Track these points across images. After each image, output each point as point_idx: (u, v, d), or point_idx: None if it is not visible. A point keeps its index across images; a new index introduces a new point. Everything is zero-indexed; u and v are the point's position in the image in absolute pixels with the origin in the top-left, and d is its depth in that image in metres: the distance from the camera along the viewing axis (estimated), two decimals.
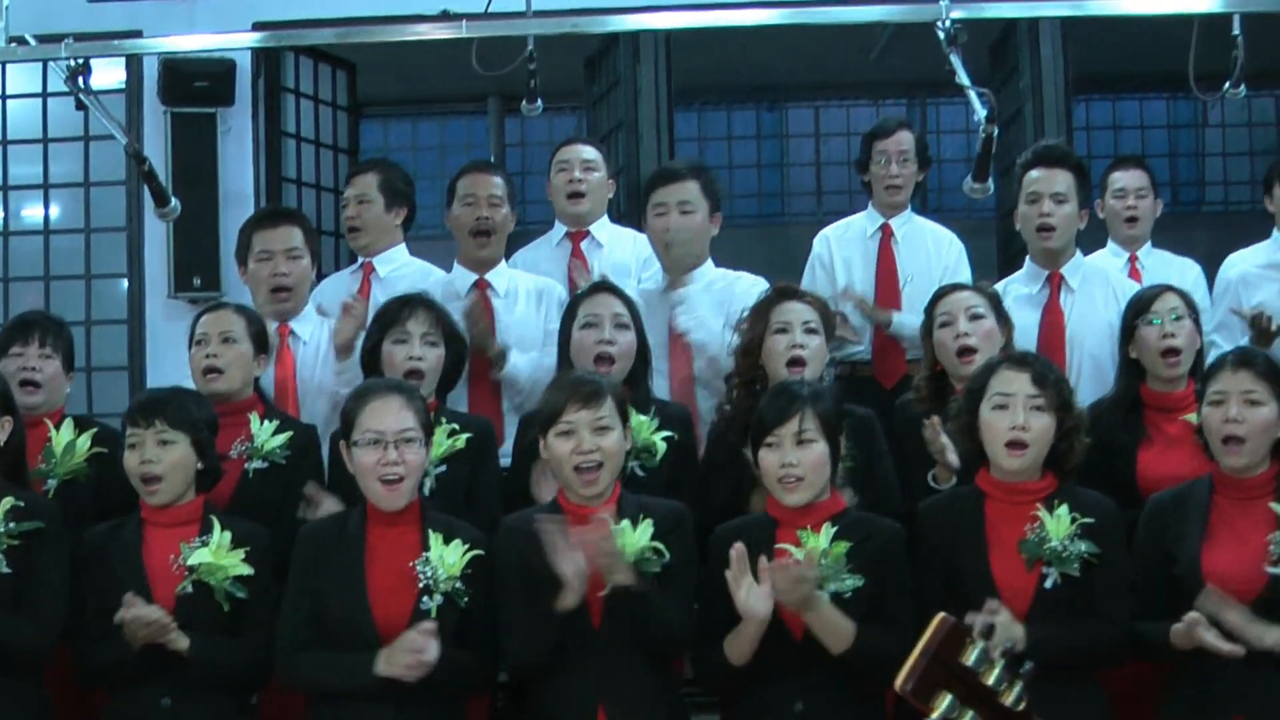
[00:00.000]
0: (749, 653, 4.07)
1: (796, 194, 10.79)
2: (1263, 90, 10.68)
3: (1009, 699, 2.19)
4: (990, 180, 4.83)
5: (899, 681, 2.21)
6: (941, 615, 2.22)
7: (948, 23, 4.68)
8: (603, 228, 6.21)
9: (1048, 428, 4.22)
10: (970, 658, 2.18)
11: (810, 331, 4.87)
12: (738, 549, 3.99)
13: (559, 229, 6.22)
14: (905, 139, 6.16)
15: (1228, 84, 5.38)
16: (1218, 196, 11.23)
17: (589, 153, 6.20)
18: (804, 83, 10.43)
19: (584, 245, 6.14)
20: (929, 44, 4.99)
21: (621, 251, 6.12)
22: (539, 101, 5.88)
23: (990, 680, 2.19)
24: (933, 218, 8.30)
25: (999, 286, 5.64)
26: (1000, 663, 2.19)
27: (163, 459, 4.31)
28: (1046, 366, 4.33)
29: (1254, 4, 5.32)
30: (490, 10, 5.80)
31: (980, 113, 4.61)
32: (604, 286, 5.12)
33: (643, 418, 4.74)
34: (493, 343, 5.42)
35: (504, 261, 5.85)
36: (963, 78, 4.66)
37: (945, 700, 2.18)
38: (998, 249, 7.75)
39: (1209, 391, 4.28)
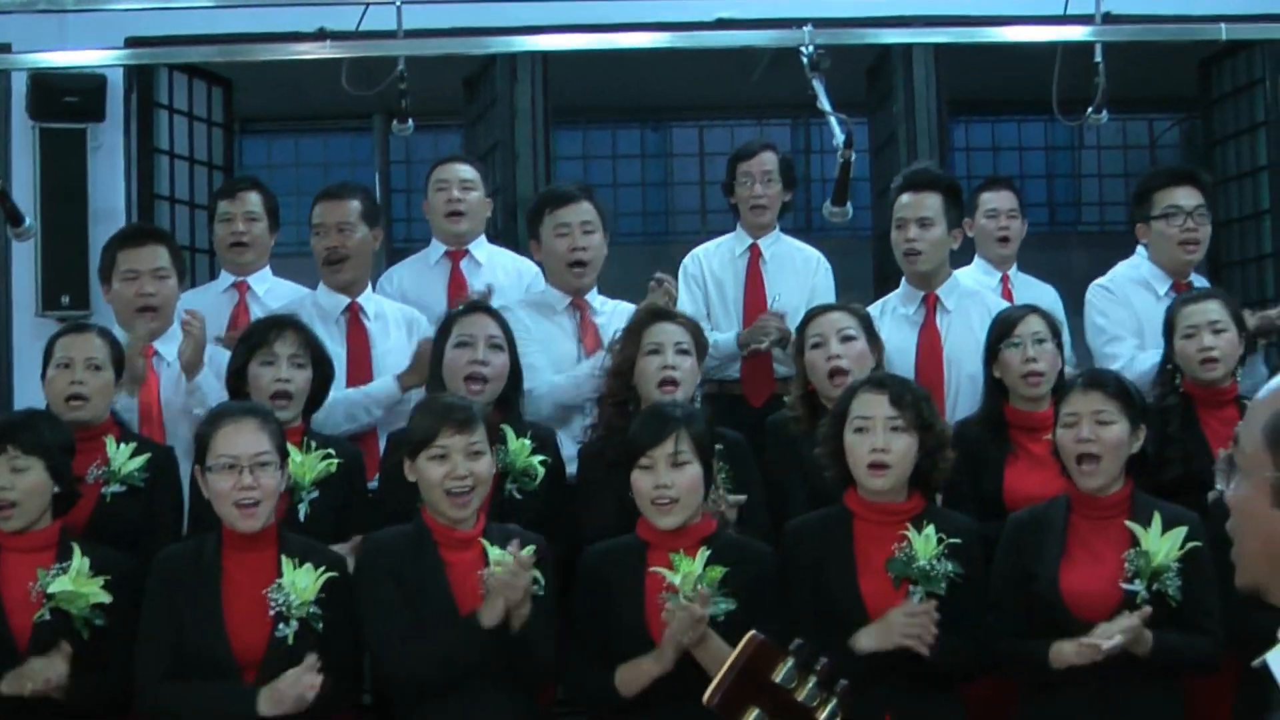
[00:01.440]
0: (643, 687, 4.07)
1: (681, 213, 10.83)
2: (1136, 114, 10.88)
3: (822, 715, 2.19)
4: (849, 204, 4.85)
5: (706, 696, 2.21)
6: (751, 633, 2.22)
7: (810, 48, 4.72)
8: (481, 247, 6.16)
9: (909, 448, 4.26)
10: (780, 674, 2.18)
11: (682, 352, 4.88)
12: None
13: (437, 247, 6.15)
14: (769, 160, 6.14)
15: (1090, 109, 5.46)
16: (1093, 217, 11.37)
17: (467, 172, 6.15)
18: (688, 103, 10.49)
19: (463, 264, 6.08)
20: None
21: (500, 271, 6.08)
22: (410, 122, 5.88)
23: (801, 696, 2.19)
24: (816, 236, 8.35)
25: (875, 306, 5.71)
26: (812, 680, 2.19)
27: (16, 485, 4.24)
28: (905, 387, 4.36)
29: (1115, 34, 5.40)
30: (363, 29, 5.81)
31: (838, 138, 4.65)
32: (478, 306, 5.09)
33: (522, 441, 4.72)
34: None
35: (370, 287, 5.79)
36: (824, 103, 4.70)
37: (752, 714, 2.18)
38: (874, 268, 7.80)
39: (1062, 413, 4.36)
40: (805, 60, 4.76)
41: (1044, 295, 6.13)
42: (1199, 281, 5.85)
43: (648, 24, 6.40)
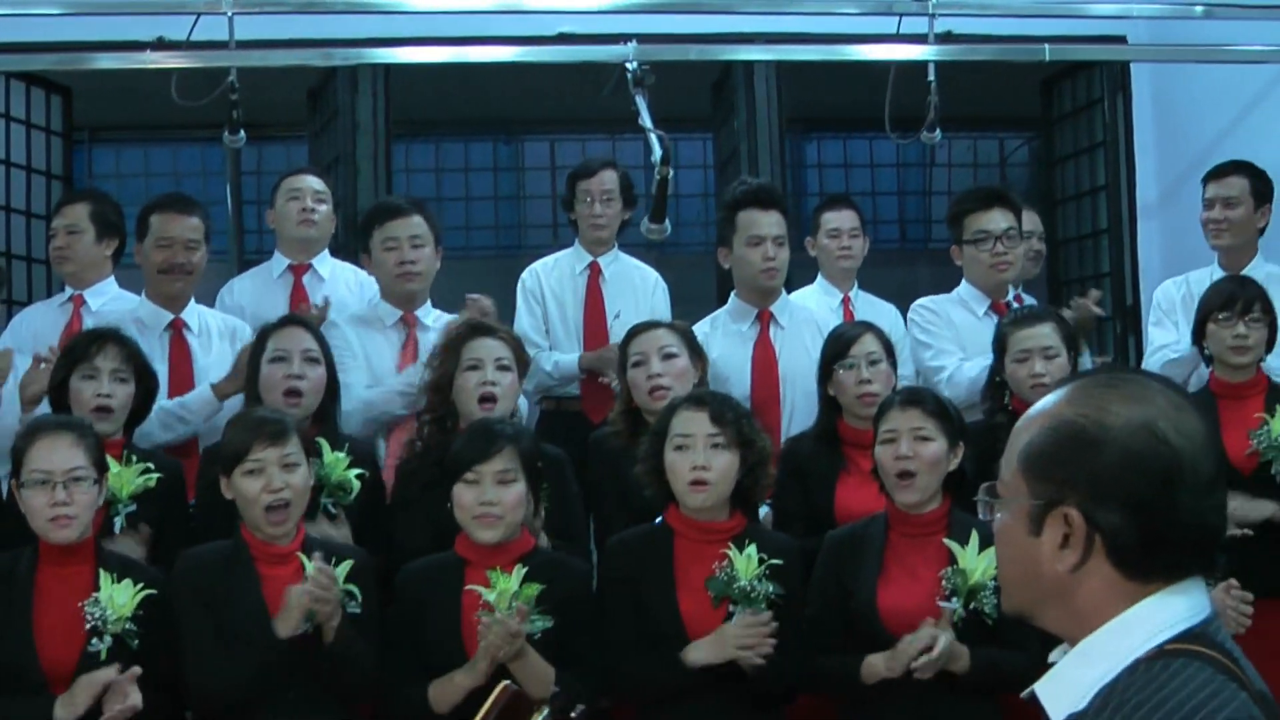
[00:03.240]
0: (456, 702, 4.04)
1: (533, 226, 10.83)
2: (988, 133, 11.03)
3: None
4: (668, 221, 4.85)
5: None
6: (504, 683, 2.20)
7: (633, 65, 4.73)
8: (324, 261, 6.13)
9: (730, 465, 4.27)
10: None
11: (503, 368, 4.85)
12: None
13: (280, 261, 6.10)
14: (609, 178, 6.16)
15: (924, 128, 5.51)
16: (943, 235, 11.33)
17: (318, 184, 6.13)
18: (541, 117, 10.48)
19: (305, 279, 6.05)
20: (662, 81, 5.04)
21: (343, 285, 6.04)
22: (241, 133, 5.81)
23: None
24: (669, 252, 8.36)
25: (705, 321, 5.73)
26: None
27: None
28: (725, 404, 4.37)
29: (945, 54, 5.46)
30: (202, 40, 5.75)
31: (655, 154, 4.65)
32: (293, 320, 5.08)
33: (338, 455, 4.68)
34: None
35: (193, 301, 5.71)
36: (645, 119, 4.70)
37: None
38: (717, 283, 7.82)
39: (881, 430, 4.38)
40: (629, 76, 4.77)
41: (885, 314, 6.16)
42: (1029, 298, 5.95)
43: (491, 37, 6.37)
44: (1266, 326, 5.28)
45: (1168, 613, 1.92)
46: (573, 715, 2.18)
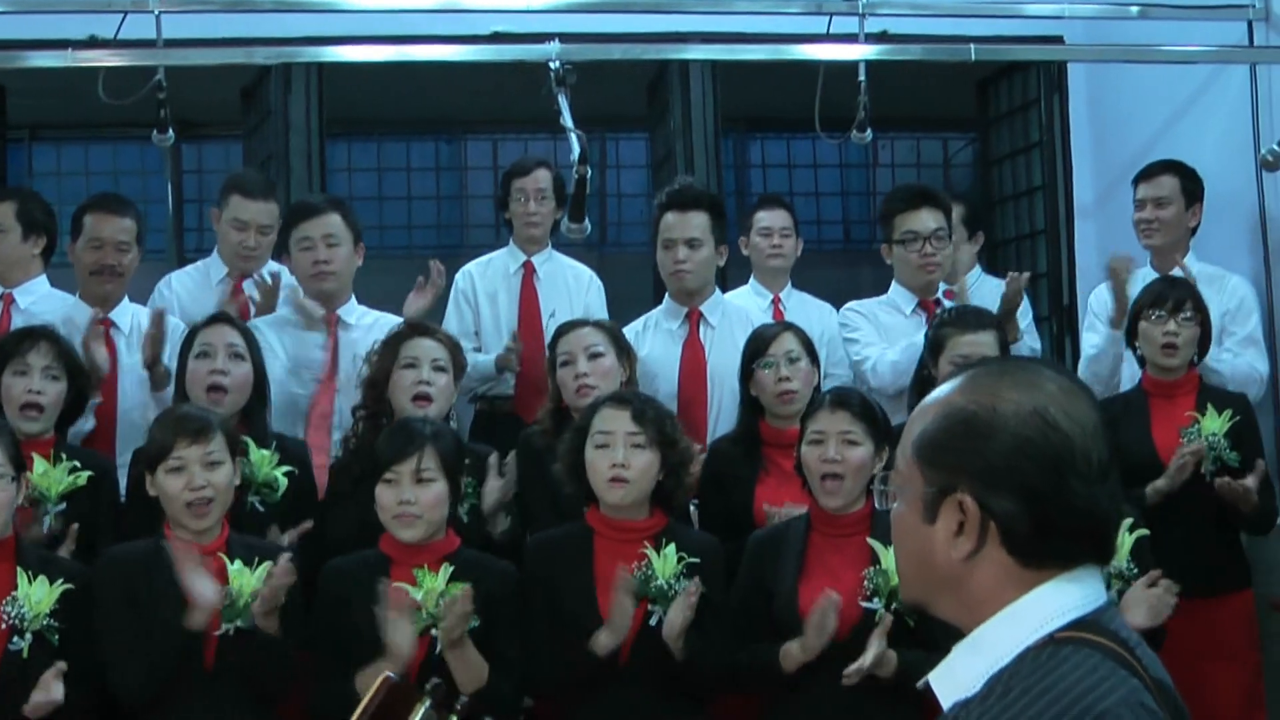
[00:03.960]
0: None
1: (475, 226, 10.80)
2: (931, 133, 11.04)
3: None
4: (587, 220, 4.85)
5: None
6: (384, 675, 2.19)
7: (556, 64, 4.74)
8: (266, 267, 6.08)
9: (650, 464, 4.29)
10: (417, 716, 2.15)
11: (439, 369, 4.89)
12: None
13: (219, 266, 6.06)
14: (543, 177, 6.16)
15: (855, 129, 5.52)
16: None
17: (266, 217, 6.04)
18: (483, 116, 10.46)
19: (246, 282, 5.99)
20: (604, 81, 5.04)
21: (284, 285, 6.00)
22: (170, 132, 5.79)
23: None
24: (610, 251, 8.33)
25: (639, 320, 5.74)
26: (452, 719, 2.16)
27: None
28: (647, 404, 4.39)
29: (875, 54, 5.48)
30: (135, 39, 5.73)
31: (574, 153, 4.66)
32: (221, 317, 5.07)
33: (263, 452, 4.69)
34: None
35: (126, 300, 5.68)
36: (566, 119, 4.71)
37: None
38: (654, 282, 7.82)
39: (808, 430, 4.40)
40: (552, 75, 4.77)
41: (823, 314, 6.18)
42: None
43: (424, 36, 6.35)
44: (1198, 325, 5.31)
45: (1059, 601, 1.93)
46: (457, 706, 2.17)
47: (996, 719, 1.80)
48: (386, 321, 5.48)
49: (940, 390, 2.04)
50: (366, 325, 5.56)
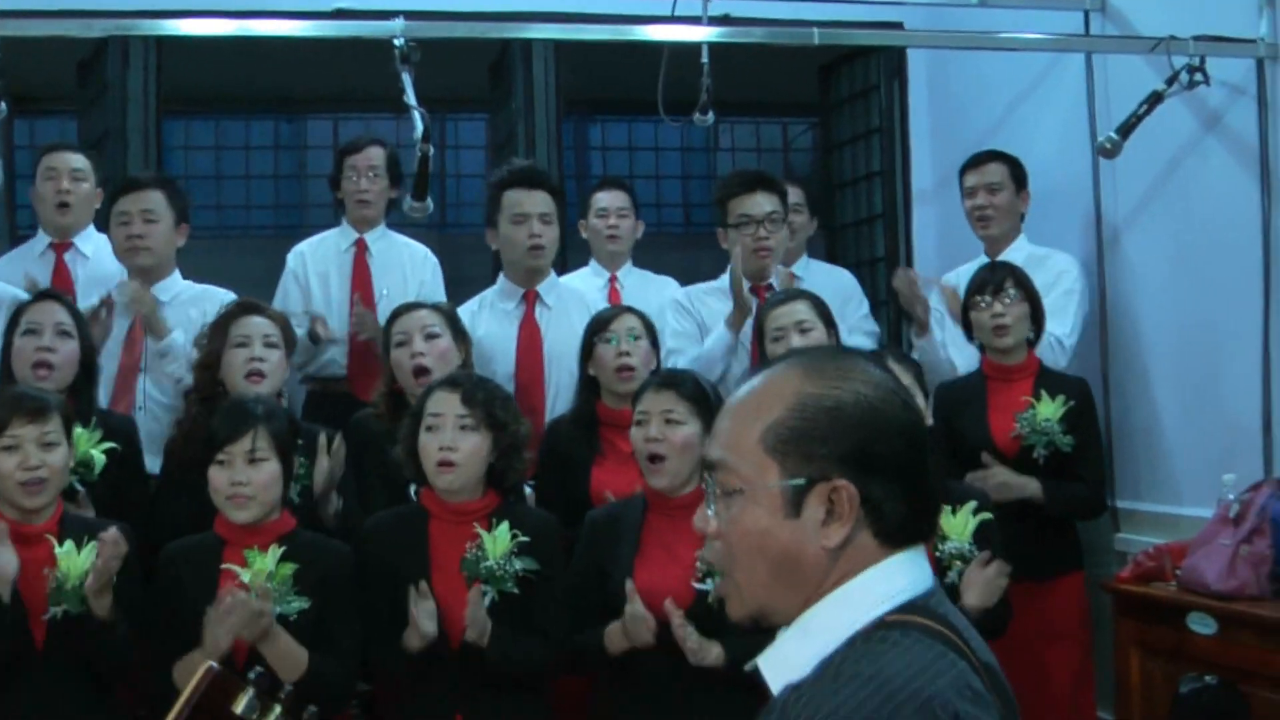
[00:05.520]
0: None
1: (315, 206, 10.65)
2: (771, 118, 11.11)
3: None
4: (430, 199, 4.83)
5: None
6: (207, 664, 2.14)
7: (400, 41, 4.70)
8: (88, 239, 5.97)
9: (479, 446, 4.27)
10: (241, 705, 2.11)
11: (270, 345, 4.88)
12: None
13: (42, 238, 5.96)
14: (376, 155, 6.13)
15: (697, 111, 5.53)
16: None
17: (78, 161, 5.95)
18: (324, 95, 10.33)
19: (67, 256, 5.91)
20: (446, 61, 4.99)
21: (109, 262, 5.89)
22: (2, 105, 5.64)
23: None
24: (452, 233, 8.23)
25: (473, 301, 5.74)
26: (277, 709, 2.12)
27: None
28: (478, 386, 4.36)
29: (716, 36, 5.47)
30: None
31: (418, 131, 4.64)
32: (48, 294, 5.01)
33: (82, 430, 4.62)
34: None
35: None
36: (409, 96, 4.68)
37: None
38: (492, 263, 7.79)
39: (636, 410, 4.40)
40: (395, 53, 4.74)
41: (663, 288, 6.25)
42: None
43: (266, 11, 6.23)
44: (1025, 302, 5.38)
45: (887, 585, 1.93)
46: (280, 695, 2.12)
47: (826, 702, 1.78)
48: (218, 295, 5.51)
49: (769, 383, 2.00)
50: (185, 300, 5.57)
